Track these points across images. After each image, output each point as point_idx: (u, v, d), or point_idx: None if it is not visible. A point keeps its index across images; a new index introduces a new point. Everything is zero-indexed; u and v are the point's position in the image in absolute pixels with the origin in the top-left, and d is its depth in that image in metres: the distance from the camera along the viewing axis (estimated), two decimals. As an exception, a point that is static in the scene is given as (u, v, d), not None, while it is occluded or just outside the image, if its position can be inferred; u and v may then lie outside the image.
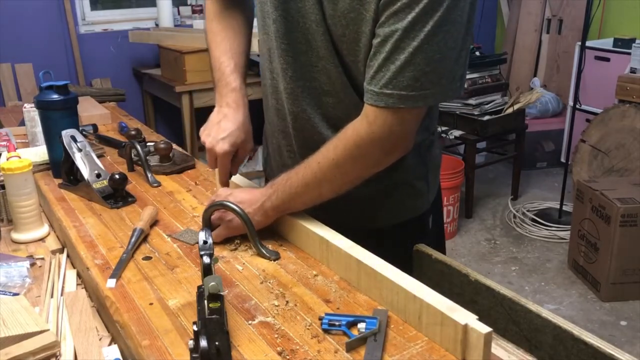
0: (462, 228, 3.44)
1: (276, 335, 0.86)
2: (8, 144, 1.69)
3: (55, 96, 1.43)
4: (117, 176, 1.34)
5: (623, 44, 3.54)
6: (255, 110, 1.21)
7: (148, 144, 1.66)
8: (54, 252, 1.23)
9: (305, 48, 1.07)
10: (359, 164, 1.02)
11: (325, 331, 0.86)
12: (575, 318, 2.57)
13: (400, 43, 0.90)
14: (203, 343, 0.76)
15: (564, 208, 3.42)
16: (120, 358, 0.90)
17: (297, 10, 1.04)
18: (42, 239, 1.29)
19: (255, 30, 1.27)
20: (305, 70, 1.09)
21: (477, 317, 0.79)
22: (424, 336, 0.85)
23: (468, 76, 3.42)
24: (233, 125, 1.15)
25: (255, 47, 1.52)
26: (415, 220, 1.21)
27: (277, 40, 1.08)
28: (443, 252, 1.30)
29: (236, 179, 1.29)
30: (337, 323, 0.86)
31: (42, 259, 1.20)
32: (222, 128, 1.15)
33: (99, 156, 1.58)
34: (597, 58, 3.66)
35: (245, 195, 1.12)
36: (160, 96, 3.54)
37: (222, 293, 0.79)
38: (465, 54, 0.97)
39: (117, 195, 1.35)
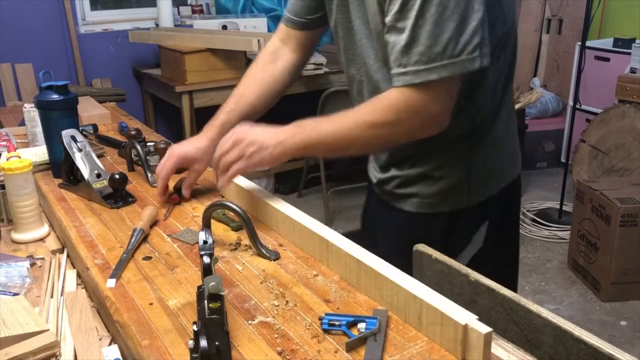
0: (462, 228, 3.44)
1: (276, 335, 0.86)
2: (8, 144, 1.70)
3: (55, 96, 1.43)
4: (117, 176, 1.34)
5: (623, 44, 3.54)
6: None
7: (148, 144, 1.66)
8: (54, 252, 1.23)
9: (359, 52, 1.17)
10: (388, 138, 1.08)
11: (325, 331, 0.86)
12: (575, 318, 2.57)
13: (398, 24, 0.98)
14: (203, 343, 0.76)
15: (564, 208, 3.42)
16: (120, 358, 0.90)
17: (354, 21, 1.14)
18: (42, 239, 1.29)
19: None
20: (366, 71, 1.18)
21: (477, 317, 0.79)
22: (424, 336, 0.85)
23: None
24: (193, 144, 1.30)
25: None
26: (458, 214, 1.20)
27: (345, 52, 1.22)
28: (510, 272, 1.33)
29: (236, 178, 1.29)
30: (337, 323, 0.86)
31: (42, 259, 1.20)
32: (184, 142, 1.32)
33: (99, 156, 1.58)
34: (597, 58, 3.66)
35: (265, 131, 1.12)
36: (160, 96, 3.54)
37: (222, 293, 0.79)
38: (476, 25, 0.97)
39: (117, 195, 1.35)
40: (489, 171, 1.20)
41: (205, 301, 0.80)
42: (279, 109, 1.40)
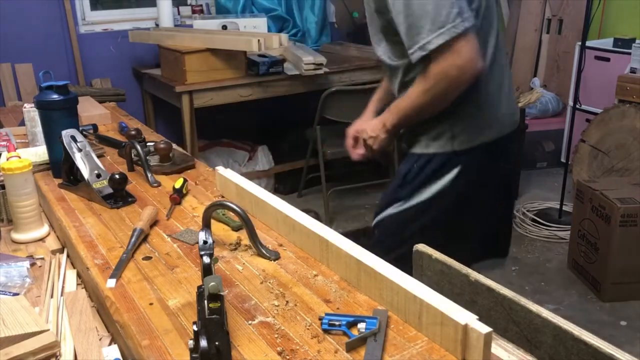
0: (462, 228, 3.43)
1: (276, 335, 0.86)
2: (8, 144, 1.70)
3: (55, 96, 1.43)
4: (117, 176, 1.34)
5: (623, 44, 3.54)
6: (256, 108, 1.24)
7: (148, 144, 1.66)
8: (54, 252, 1.23)
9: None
10: (444, 93, 1.36)
11: (325, 331, 0.86)
12: (575, 318, 2.57)
13: (397, 20, 1.31)
14: (203, 343, 0.76)
15: (564, 208, 3.41)
16: (120, 358, 0.90)
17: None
18: (42, 239, 1.29)
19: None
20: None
21: (477, 317, 0.79)
22: (424, 336, 0.85)
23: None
24: (359, 120, 1.68)
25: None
26: (439, 155, 1.48)
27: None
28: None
29: (237, 178, 1.29)
30: (337, 323, 0.86)
31: (42, 259, 1.20)
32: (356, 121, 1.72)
33: (99, 156, 1.58)
34: (597, 58, 3.65)
35: (373, 122, 1.51)
36: (160, 96, 3.53)
37: (222, 293, 0.79)
38: (452, 1, 1.24)
39: (117, 195, 1.35)
40: (470, 127, 1.46)
41: (205, 301, 0.80)
42: (281, 108, 1.42)
